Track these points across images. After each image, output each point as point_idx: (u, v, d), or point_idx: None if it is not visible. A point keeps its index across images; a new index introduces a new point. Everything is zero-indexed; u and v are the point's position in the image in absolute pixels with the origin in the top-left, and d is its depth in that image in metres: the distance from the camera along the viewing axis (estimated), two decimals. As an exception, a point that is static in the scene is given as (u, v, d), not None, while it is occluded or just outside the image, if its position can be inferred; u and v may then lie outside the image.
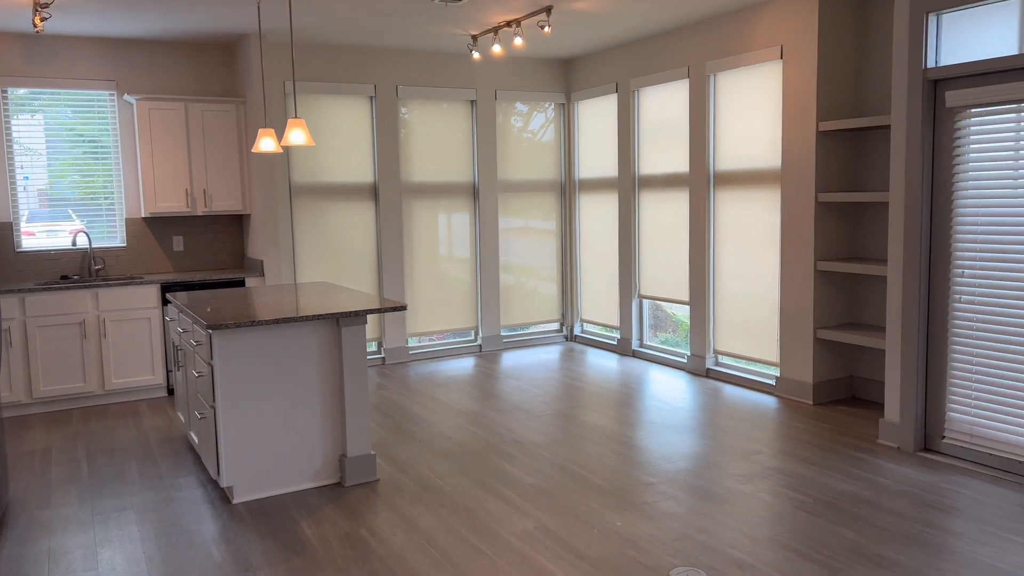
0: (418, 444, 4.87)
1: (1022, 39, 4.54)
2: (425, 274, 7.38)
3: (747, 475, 4.20)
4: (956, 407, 4.31)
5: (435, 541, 3.50)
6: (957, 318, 4.28)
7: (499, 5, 5.46)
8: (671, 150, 6.69)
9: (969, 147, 4.17)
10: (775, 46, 5.58)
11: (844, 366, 5.66)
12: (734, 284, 6.19)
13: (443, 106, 7.33)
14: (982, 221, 4.12)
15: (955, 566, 3.15)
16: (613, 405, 5.63)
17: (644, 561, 3.26)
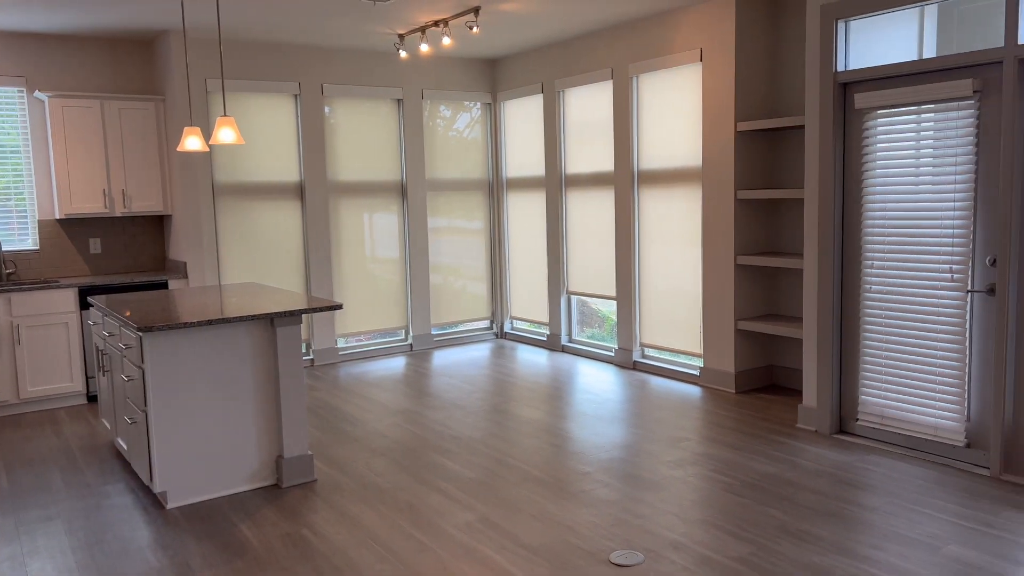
0: (354, 443, 4.86)
1: (920, 45, 4.87)
2: (354, 274, 7.34)
3: (677, 461, 4.37)
4: (868, 391, 4.59)
5: (378, 537, 3.53)
6: (867, 307, 4.56)
7: (427, 5, 5.49)
8: (597, 149, 6.86)
9: (876, 146, 4.44)
10: (695, 49, 5.80)
11: (764, 355, 5.92)
12: (659, 279, 6.39)
13: (370, 105, 7.30)
14: (888, 215, 4.40)
15: (873, 539, 3.37)
16: (546, 399, 5.74)
17: (584, 547, 3.37)
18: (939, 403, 4.24)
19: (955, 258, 4.11)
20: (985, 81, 3.95)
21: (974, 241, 4.04)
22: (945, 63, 4.09)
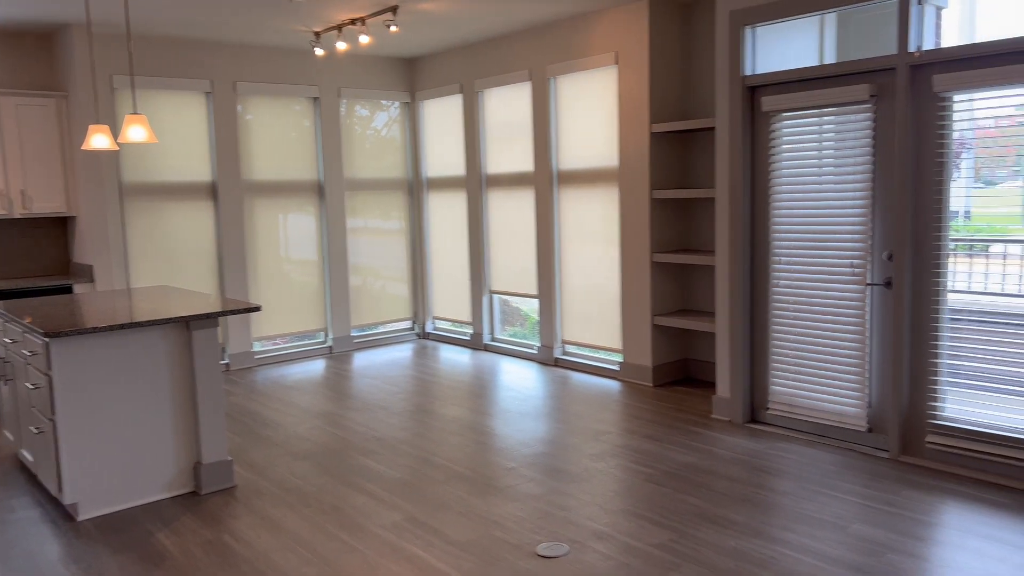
0: (275, 448, 4.77)
1: (821, 51, 5.13)
2: (270, 275, 7.19)
3: (599, 454, 4.47)
4: (777, 381, 4.80)
5: (303, 540, 3.48)
6: (775, 301, 4.77)
7: (344, 3, 5.44)
8: (516, 150, 6.93)
9: (782, 146, 4.65)
10: (610, 52, 5.93)
11: (680, 349, 6.11)
12: (579, 277, 6.51)
13: (285, 103, 7.17)
14: (794, 213, 4.62)
15: (785, 521, 3.54)
16: (469, 397, 5.77)
17: (511, 540, 3.42)
18: (843, 391, 4.48)
19: (855, 253, 4.35)
20: (880, 86, 4.19)
21: (873, 237, 4.29)
22: (843, 69, 4.32)
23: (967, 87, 3.84)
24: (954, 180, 4.04)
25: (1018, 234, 3.97)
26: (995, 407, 3.93)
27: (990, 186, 4.05)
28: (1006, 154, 3.84)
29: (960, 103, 3.95)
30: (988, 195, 4.04)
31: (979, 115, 3.94)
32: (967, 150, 4.30)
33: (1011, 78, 3.68)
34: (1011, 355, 3.85)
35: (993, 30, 4.44)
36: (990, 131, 3.90)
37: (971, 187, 4.25)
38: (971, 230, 4.71)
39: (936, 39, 4.76)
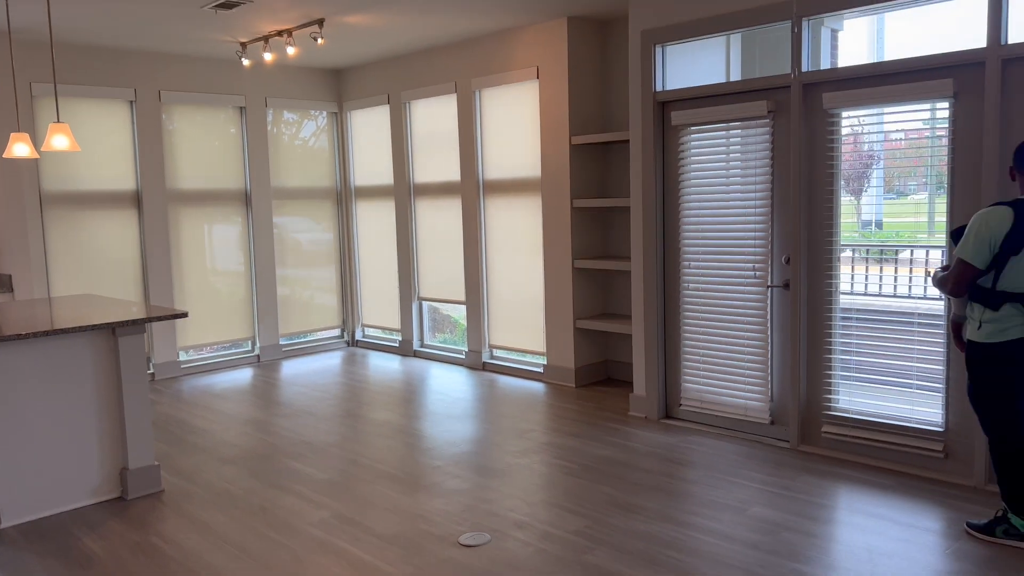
0: (203, 453, 4.81)
1: (728, 69, 5.48)
2: (196, 284, 7.17)
3: (522, 451, 4.67)
4: (689, 378, 5.09)
5: (232, 540, 3.57)
6: (686, 304, 5.06)
7: (270, 15, 5.53)
8: (443, 160, 7.10)
9: (691, 158, 4.96)
10: (532, 67, 6.18)
11: (600, 352, 6.38)
12: (505, 283, 6.72)
13: (211, 112, 7.18)
14: (703, 220, 4.92)
15: (692, 506, 3.79)
16: (398, 402, 5.90)
17: (435, 532, 3.58)
18: (747, 387, 4.79)
19: (757, 258, 4.68)
20: (777, 103, 4.53)
21: (772, 242, 4.62)
22: (744, 86, 4.65)
23: (852, 105, 4.21)
24: (865, 191, 4.42)
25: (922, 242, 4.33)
26: (881, 398, 4.30)
27: (901, 197, 4.40)
28: (913, 166, 4.19)
29: (847, 119, 4.32)
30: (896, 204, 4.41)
31: (866, 131, 4.32)
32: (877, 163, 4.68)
33: (890, 97, 4.05)
34: (894, 350, 4.22)
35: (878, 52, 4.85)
36: (899, 144, 4.24)
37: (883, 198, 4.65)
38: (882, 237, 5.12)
39: (832, 60, 5.16)
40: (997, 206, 3.18)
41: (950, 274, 3.24)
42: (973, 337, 3.29)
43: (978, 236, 3.15)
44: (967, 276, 3.19)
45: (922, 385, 4.13)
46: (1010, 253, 3.13)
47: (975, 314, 3.28)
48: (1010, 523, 3.31)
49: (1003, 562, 3.15)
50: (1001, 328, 3.19)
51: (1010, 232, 3.11)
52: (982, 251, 3.15)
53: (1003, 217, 3.13)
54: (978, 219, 3.18)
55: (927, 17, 4.39)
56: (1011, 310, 3.17)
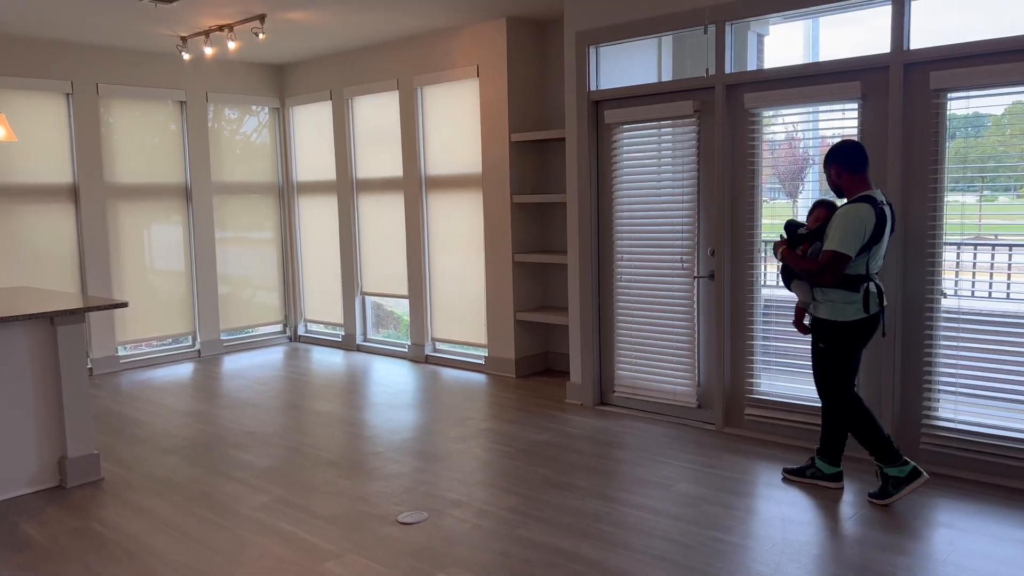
0: (143, 444, 4.84)
1: (659, 70, 5.71)
2: (136, 278, 7.13)
3: (461, 437, 4.81)
4: (622, 366, 5.31)
5: (173, 523, 3.63)
6: (619, 294, 5.27)
7: (210, 10, 5.56)
8: (386, 155, 7.20)
9: (623, 155, 5.17)
10: (472, 65, 6.33)
11: (540, 343, 6.56)
12: (447, 277, 6.86)
13: (150, 106, 7.14)
14: (634, 214, 5.14)
15: (621, 484, 3.99)
16: (341, 393, 5.99)
17: (374, 512, 3.70)
18: (676, 373, 5.02)
19: (684, 249, 4.91)
20: (703, 102, 4.77)
21: (698, 235, 4.86)
22: (674, 86, 4.88)
23: (771, 105, 4.47)
24: (801, 193, 4.68)
25: None
26: (796, 382, 4.57)
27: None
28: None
29: (767, 118, 4.58)
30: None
31: (778, 129, 4.59)
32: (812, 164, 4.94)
33: (803, 98, 4.32)
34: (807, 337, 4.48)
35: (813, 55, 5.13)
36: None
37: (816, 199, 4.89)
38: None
39: (759, 62, 5.44)
40: (860, 203, 3.56)
41: (828, 266, 3.54)
42: (837, 317, 3.65)
43: (852, 230, 3.51)
44: (844, 265, 3.53)
45: (835, 368, 4.41)
46: (874, 243, 3.55)
47: (839, 297, 3.63)
48: (816, 467, 3.90)
49: (902, 526, 3.42)
50: (856, 308, 3.61)
51: (875, 225, 3.52)
52: (856, 243, 3.51)
53: (869, 212, 3.53)
54: (849, 215, 3.54)
55: (843, 24, 4.69)
56: (870, 289, 3.60)
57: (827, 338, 3.72)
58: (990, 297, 4.05)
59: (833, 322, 3.67)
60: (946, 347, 4.03)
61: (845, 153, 3.65)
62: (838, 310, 3.65)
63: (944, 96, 3.92)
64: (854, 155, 3.64)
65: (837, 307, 3.65)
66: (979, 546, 3.23)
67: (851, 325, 3.65)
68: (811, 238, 3.75)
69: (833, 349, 3.72)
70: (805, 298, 3.82)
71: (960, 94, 3.88)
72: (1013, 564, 3.08)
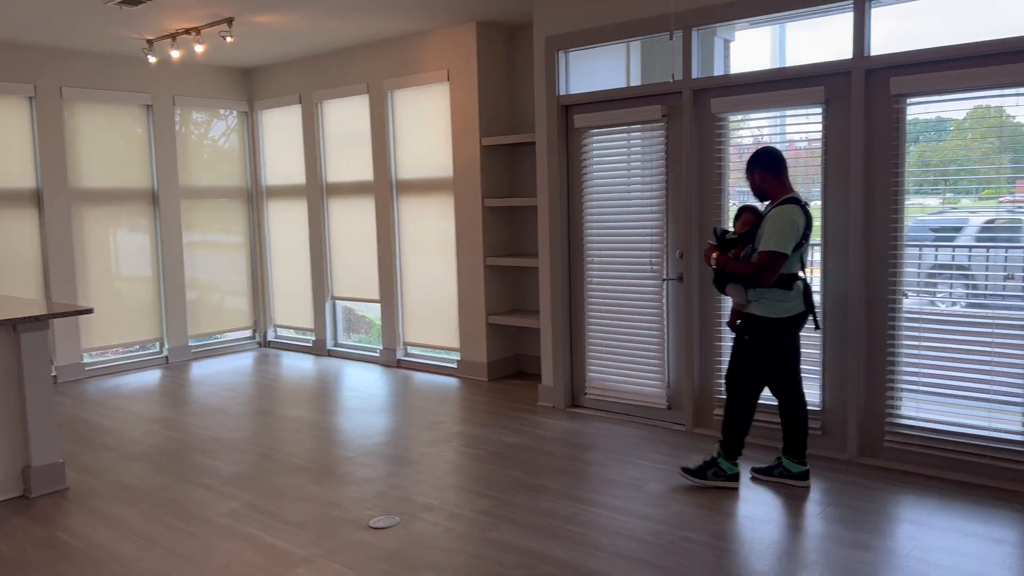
0: (109, 451, 4.77)
1: (628, 75, 5.77)
2: (101, 284, 7.02)
3: (433, 440, 4.81)
4: (593, 368, 5.34)
5: (140, 531, 3.59)
6: (590, 297, 5.31)
7: (177, 12, 5.51)
8: (356, 159, 7.18)
9: (593, 159, 5.21)
10: (442, 69, 6.34)
11: (512, 346, 6.58)
12: (419, 281, 6.85)
13: (116, 110, 7.05)
14: (604, 217, 5.18)
15: (592, 485, 4.02)
16: (311, 399, 5.95)
17: (346, 517, 3.69)
18: (646, 374, 5.07)
19: (653, 252, 4.96)
20: (671, 107, 4.83)
21: (667, 238, 4.91)
22: (642, 91, 4.93)
23: (737, 109, 4.53)
24: None
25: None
26: (766, 381, 4.63)
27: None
28: (814, 172, 4.43)
29: (734, 122, 4.65)
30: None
31: (745, 133, 4.66)
32: None
33: (768, 103, 4.39)
34: (777, 336, 4.56)
35: (780, 60, 5.21)
36: (800, 152, 4.54)
37: None
38: None
39: (725, 67, 5.52)
40: (789, 204, 3.71)
41: (767, 266, 3.65)
42: (766, 314, 3.77)
43: (787, 230, 3.65)
44: (780, 264, 3.66)
45: (803, 369, 4.47)
46: (804, 241, 3.72)
47: (773, 295, 3.75)
48: (719, 466, 3.93)
49: (866, 523, 3.49)
50: (792, 305, 3.76)
51: (804, 223, 3.69)
52: (791, 242, 3.65)
53: (799, 212, 3.70)
54: (782, 217, 3.68)
55: (809, 29, 4.78)
56: (799, 288, 3.77)
57: (755, 332, 3.82)
58: (950, 296, 4.15)
59: (766, 319, 3.78)
60: (908, 347, 4.12)
61: (767, 158, 3.82)
62: (772, 307, 3.77)
63: (904, 101, 4.01)
64: (775, 160, 3.81)
65: (771, 304, 3.77)
66: (940, 541, 3.30)
67: (783, 322, 3.77)
68: (742, 242, 3.86)
69: (759, 343, 3.83)
70: (740, 300, 3.91)
71: (919, 99, 3.98)
72: (973, 557, 3.15)
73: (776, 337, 3.81)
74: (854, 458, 4.27)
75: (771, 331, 3.79)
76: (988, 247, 3.95)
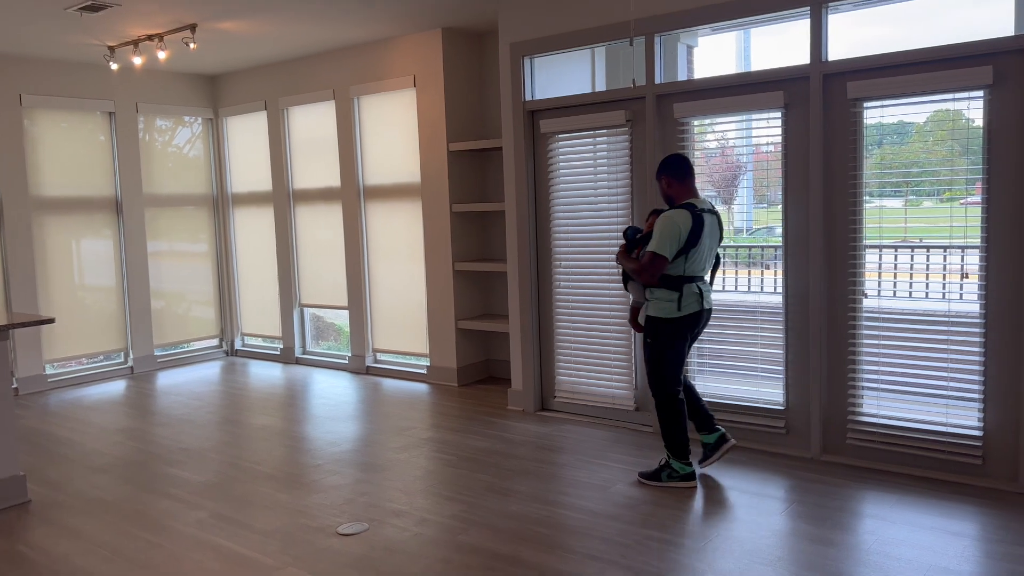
0: (72, 464, 4.69)
1: (593, 80, 5.82)
2: (64, 294, 6.91)
3: (403, 447, 4.80)
4: (562, 372, 5.37)
5: (105, 543, 3.54)
6: (558, 301, 5.34)
7: (140, 19, 5.45)
8: (323, 166, 7.15)
9: (559, 164, 5.25)
10: (409, 75, 6.34)
11: (481, 351, 6.59)
12: (387, 287, 6.83)
13: (78, 117, 6.95)
14: (571, 221, 5.22)
15: (561, 487, 4.04)
16: (279, 407, 5.91)
17: (314, 525, 3.67)
18: (614, 377, 5.11)
19: (620, 256, 5.00)
20: (635, 112, 4.88)
21: (633, 242, 4.95)
22: (607, 96, 4.98)
23: (699, 114, 4.60)
24: (736, 200, 4.84)
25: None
26: (732, 382, 4.70)
27: (772, 206, 4.75)
28: (778, 176, 4.49)
29: (697, 127, 4.71)
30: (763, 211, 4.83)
31: (709, 138, 4.73)
32: (745, 172, 5.08)
33: (729, 108, 4.47)
34: (741, 339, 4.63)
35: (745, 65, 5.29)
36: (763, 155, 4.62)
37: (752, 206, 5.05)
38: (750, 241, 5.53)
39: (688, 73, 5.59)
40: (680, 209, 3.84)
41: (646, 267, 3.81)
42: (660, 315, 3.92)
43: (669, 234, 3.78)
44: (661, 267, 3.81)
45: (767, 369, 4.55)
46: (691, 246, 3.82)
47: (662, 295, 3.90)
48: (672, 467, 4.01)
49: (829, 519, 3.55)
50: (683, 305, 3.88)
51: (692, 229, 3.79)
52: (672, 246, 3.79)
53: (687, 217, 3.81)
54: (667, 221, 3.80)
55: (771, 35, 4.86)
56: (691, 290, 3.88)
57: (652, 334, 3.97)
58: (910, 297, 4.24)
59: (657, 319, 3.94)
60: (868, 346, 4.21)
61: (671, 164, 3.97)
62: (661, 308, 3.92)
63: (861, 105, 4.10)
64: (679, 166, 3.96)
65: (661, 305, 3.92)
66: (901, 535, 3.37)
67: (670, 322, 3.91)
68: (643, 242, 3.98)
69: (657, 344, 3.96)
70: (638, 298, 4.10)
71: (876, 103, 4.07)
72: (931, 550, 3.22)
73: (672, 335, 3.93)
74: (818, 456, 4.34)
75: (666, 330, 3.93)
76: (945, 248, 4.05)
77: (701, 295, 3.92)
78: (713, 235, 3.93)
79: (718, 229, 3.98)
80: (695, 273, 3.90)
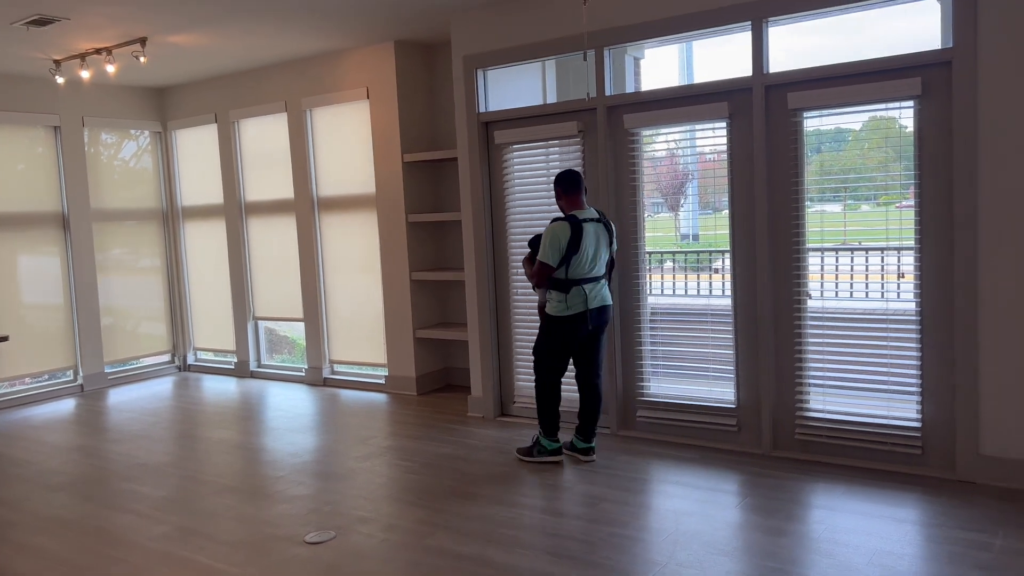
0: (26, 483, 4.61)
1: (545, 92, 5.95)
2: (8, 312, 6.75)
3: (364, 456, 4.84)
4: (521, 378, 5.47)
5: (67, 560, 3.50)
6: (515, 308, 5.44)
7: (88, 32, 5.40)
8: (276, 178, 7.13)
9: (514, 174, 5.36)
10: (362, 87, 6.39)
11: (440, 359, 6.65)
12: (344, 298, 6.85)
13: (21, 132, 6.81)
14: (528, 230, 5.33)
15: (524, 489, 4.13)
16: (236, 420, 5.87)
17: (280, 534, 3.69)
18: (572, 381, 5.20)
19: (575, 263, 5.12)
20: (586, 123, 5.02)
21: (588, 248, 5.08)
22: (559, 108, 5.11)
23: (648, 124, 4.76)
24: (682, 207, 5.02)
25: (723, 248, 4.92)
26: (685, 383, 4.85)
27: (717, 212, 4.91)
28: (725, 184, 4.63)
29: (646, 137, 4.87)
30: (710, 218, 4.99)
31: (656, 147, 4.90)
32: (691, 180, 5.25)
33: (677, 119, 4.64)
34: (694, 341, 4.79)
35: (688, 77, 5.46)
36: (711, 164, 4.78)
37: (698, 213, 5.22)
38: (697, 246, 5.70)
39: (636, 85, 5.76)
40: (561, 221, 4.26)
41: (537, 272, 4.32)
42: (552, 312, 4.39)
43: (551, 244, 4.24)
44: (546, 272, 4.29)
45: (718, 370, 4.72)
46: (572, 253, 4.24)
47: (553, 297, 4.37)
48: (541, 444, 4.52)
49: (781, 511, 3.71)
50: (569, 305, 4.32)
51: (571, 239, 4.21)
52: (555, 255, 4.24)
53: (565, 228, 4.24)
54: (550, 233, 4.26)
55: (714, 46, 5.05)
56: (576, 292, 4.30)
57: (544, 328, 4.47)
58: (851, 297, 4.45)
59: (551, 316, 4.41)
60: (814, 345, 4.40)
61: (563, 180, 4.41)
62: (553, 307, 4.39)
63: (800, 115, 4.30)
64: (567, 180, 4.39)
65: (553, 304, 4.39)
66: (849, 523, 3.54)
67: (563, 319, 4.35)
68: None
69: (546, 337, 4.46)
70: (541, 298, 4.51)
71: (814, 113, 4.28)
72: (877, 536, 3.40)
73: (559, 331, 4.38)
74: (768, 452, 4.51)
75: (555, 326, 4.38)
76: (882, 250, 4.27)
77: (586, 296, 4.30)
78: (599, 241, 4.31)
79: (606, 234, 4.35)
80: (580, 276, 4.30)
